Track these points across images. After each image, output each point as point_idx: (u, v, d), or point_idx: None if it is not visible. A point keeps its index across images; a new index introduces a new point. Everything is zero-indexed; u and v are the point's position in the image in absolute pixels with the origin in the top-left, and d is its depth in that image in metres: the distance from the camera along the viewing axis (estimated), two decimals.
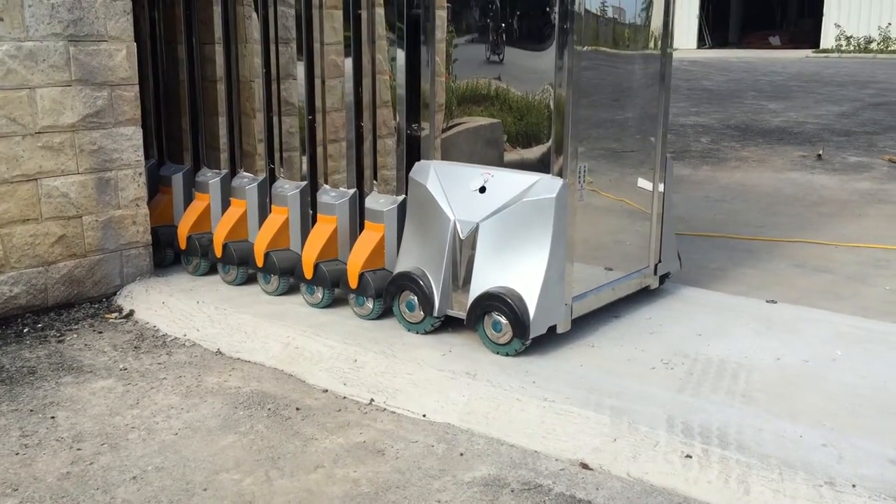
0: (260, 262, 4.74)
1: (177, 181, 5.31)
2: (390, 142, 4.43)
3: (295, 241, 4.77)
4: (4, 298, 4.55)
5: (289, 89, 4.75)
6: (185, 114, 5.28)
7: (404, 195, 4.39)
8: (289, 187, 4.79)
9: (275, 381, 3.90)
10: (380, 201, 4.46)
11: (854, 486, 2.82)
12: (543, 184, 3.91)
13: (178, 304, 4.70)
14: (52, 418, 3.55)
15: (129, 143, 4.91)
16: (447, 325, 4.18)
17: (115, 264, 4.96)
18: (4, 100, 4.41)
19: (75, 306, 4.81)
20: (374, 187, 4.53)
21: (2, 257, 4.52)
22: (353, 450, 3.28)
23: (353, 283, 4.36)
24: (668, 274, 4.87)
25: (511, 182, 3.99)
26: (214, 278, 5.08)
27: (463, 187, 4.10)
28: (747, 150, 10.01)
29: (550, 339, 3.99)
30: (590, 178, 4.10)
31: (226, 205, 5.09)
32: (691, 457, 3.06)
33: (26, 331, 4.50)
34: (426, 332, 4.15)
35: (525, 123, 4.02)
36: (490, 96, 4.11)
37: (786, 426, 3.22)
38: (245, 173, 5.06)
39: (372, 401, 3.67)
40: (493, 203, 3.99)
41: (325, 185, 4.69)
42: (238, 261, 4.89)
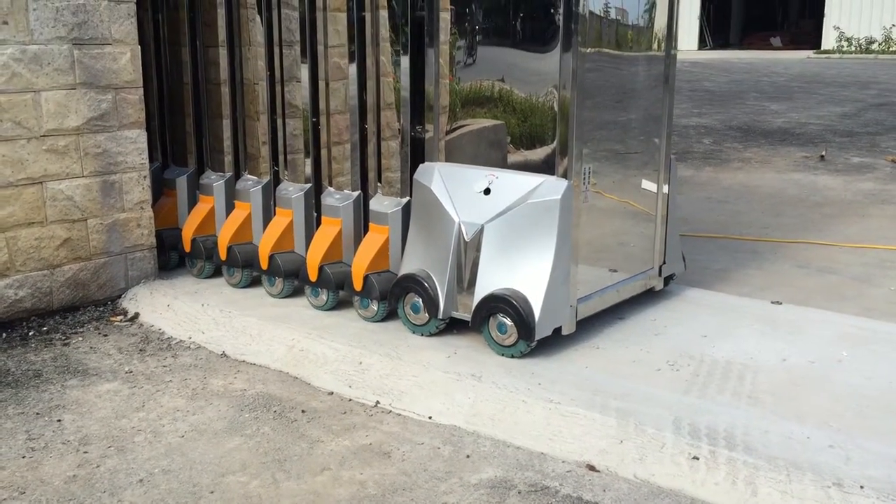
0: (264, 265, 4.74)
1: (181, 184, 5.32)
2: (394, 144, 4.44)
3: (299, 244, 4.77)
4: (10, 302, 4.56)
5: (292, 92, 4.76)
6: (189, 116, 5.28)
7: (408, 197, 4.39)
8: (293, 190, 4.79)
9: (280, 384, 3.90)
10: (384, 203, 4.46)
11: (862, 487, 2.81)
12: (548, 185, 3.91)
13: (183, 306, 4.71)
14: (59, 421, 3.55)
15: (134, 146, 4.91)
16: (452, 327, 4.18)
17: (120, 267, 4.96)
18: (9, 103, 4.41)
19: (80, 309, 4.81)
20: (379, 189, 4.54)
21: (7, 260, 4.52)
22: (359, 452, 3.27)
23: (358, 286, 4.36)
24: (673, 275, 4.87)
25: (516, 184, 3.99)
26: (219, 281, 5.08)
27: (467, 189, 4.10)
28: (750, 151, 10.00)
29: (556, 341, 3.99)
30: (594, 179, 4.10)
31: (230, 207, 5.09)
32: (698, 458, 3.06)
33: (31, 334, 4.50)
34: (431, 335, 4.15)
35: (529, 125, 4.02)
36: (494, 98, 4.11)
37: (793, 427, 3.22)
38: (249, 176, 5.06)
39: (377, 403, 3.67)
40: (498, 205, 3.99)
41: (329, 187, 4.69)
42: (242, 263, 4.89)
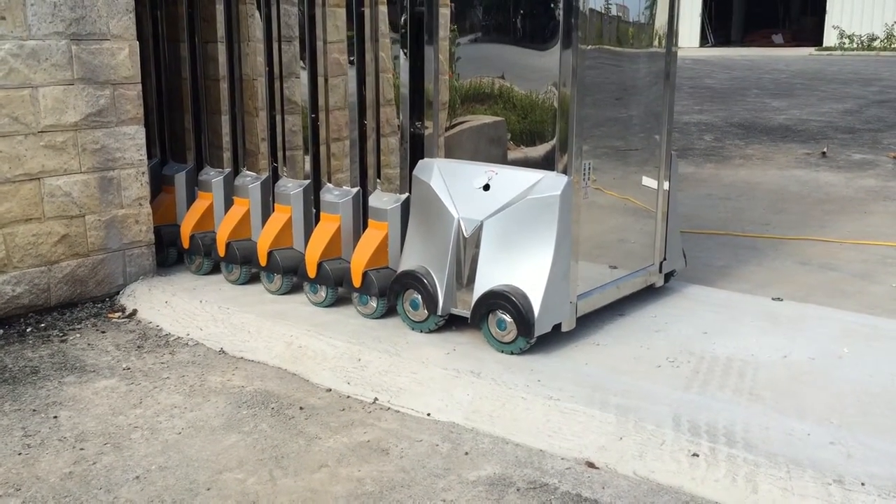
0: (263, 261, 4.73)
1: (179, 180, 5.30)
2: (393, 140, 4.42)
3: (298, 240, 4.75)
4: (7, 298, 4.54)
5: (292, 87, 4.74)
6: (188, 112, 5.27)
7: (408, 193, 4.38)
8: (292, 186, 4.77)
9: (278, 381, 3.88)
10: (383, 199, 4.44)
11: (863, 484, 2.79)
12: (548, 181, 3.89)
13: (182, 303, 4.69)
14: (55, 418, 3.53)
15: (132, 142, 4.90)
16: (451, 323, 4.17)
17: (118, 264, 4.94)
18: (7, 99, 4.40)
19: (78, 306, 4.79)
20: (378, 186, 4.52)
21: (4, 257, 4.50)
22: (357, 449, 3.26)
23: (357, 282, 4.34)
24: (674, 272, 4.85)
25: (515, 180, 3.97)
26: (217, 277, 5.06)
27: (467, 185, 4.08)
28: (751, 148, 9.98)
29: (555, 338, 3.97)
30: (594, 176, 4.08)
31: (229, 204, 5.07)
32: (698, 455, 3.04)
33: (29, 330, 4.49)
34: (430, 331, 4.13)
35: (529, 122, 4.00)
36: (494, 95, 4.09)
37: (793, 424, 3.20)
38: (248, 172, 5.04)
39: (376, 400, 3.65)
40: (498, 201, 3.97)
41: (328, 183, 4.67)
42: (241, 260, 4.87)
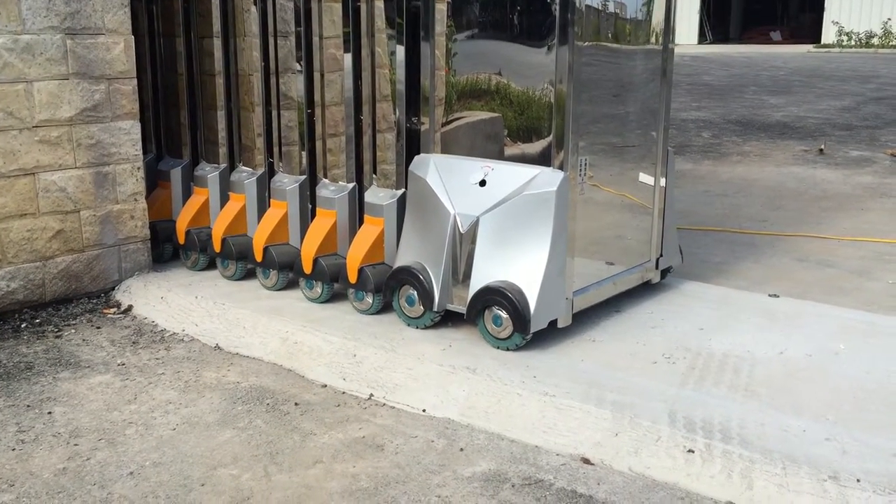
0: (259, 257, 4.71)
1: (175, 175, 5.28)
2: (390, 136, 4.40)
3: (294, 236, 4.74)
4: (2, 294, 4.52)
5: (288, 83, 4.73)
6: (184, 108, 5.25)
7: (404, 189, 4.36)
8: (288, 181, 4.76)
9: (274, 376, 3.87)
10: (379, 195, 4.43)
11: (858, 480, 2.79)
12: (544, 177, 3.88)
13: (177, 299, 4.68)
14: (49, 414, 3.52)
15: (128, 138, 4.88)
16: (447, 319, 4.16)
17: (114, 259, 4.93)
18: (1, 93, 4.37)
19: (73, 301, 4.78)
20: (374, 181, 4.50)
21: None
22: (352, 445, 3.25)
23: (353, 278, 4.33)
24: (670, 268, 4.84)
25: (511, 175, 3.96)
26: (213, 273, 5.05)
27: (463, 181, 4.07)
28: (749, 145, 9.97)
29: (551, 334, 3.97)
30: (591, 172, 4.07)
31: (224, 199, 5.06)
32: (694, 451, 3.03)
33: (24, 326, 4.47)
34: (426, 327, 4.12)
35: (526, 118, 3.99)
36: (490, 91, 4.08)
37: (789, 420, 3.20)
38: (244, 167, 5.03)
39: (371, 396, 3.64)
40: (494, 196, 3.96)
41: (324, 179, 4.66)
42: (237, 255, 4.86)
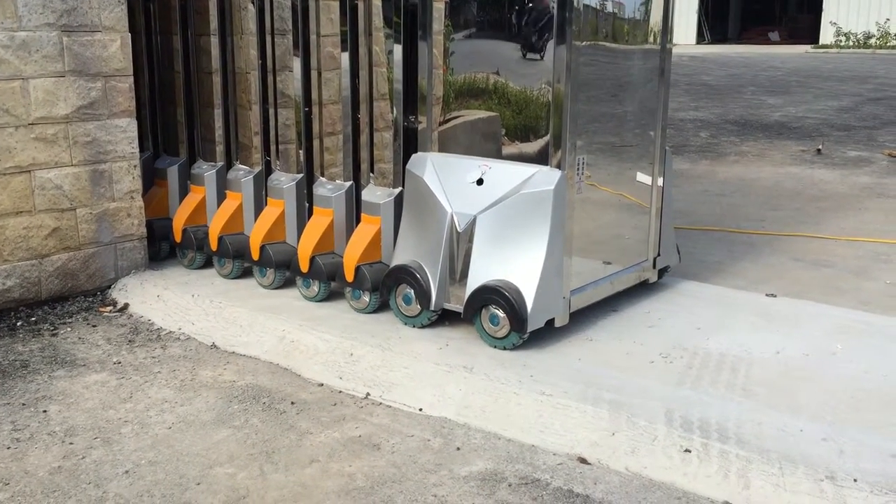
0: (256, 256, 4.70)
1: (172, 173, 5.27)
2: (387, 135, 4.39)
3: (291, 235, 4.73)
4: None
5: (285, 81, 4.71)
6: (181, 106, 5.24)
7: (401, 188, 4.36)
8: (285, 180, 4.75)
9: (270, 375, 3.86)
10: (376, 194, 4.42)
11: (855, 480, 2.78)
12: (541, 176, 3.87)
13: (173, 297, 4.67)
14: (45, 412, 3.51)
15: (124, 135, 4.86)
16: (444, 318, 4.15)
17: (110, 257, 4.91)
18: None
19: (69, 299, 4.77)
20: (371, 180, 4.50)
21: None
22: (348, 444, 3.24)
23: (350, 277, 4.32)
24: (668, 268, 4.84)
25: (509, 174, 3.95)
26: (210, 272, 5.04)
27: (460, 179, 4.06)
28: (746, 145, 9.97)
29: (548, 333, 3.96)
30: (588, 171, 4.06)
31: (221, 197, 5.05)
32: (690, 451, 3.03)
33: (19, 324, 4.46)
34: (423, 326, 4.11)
35: (523, 117, 3.98)
36: (488, 90, 4.07)
37: (786, 420, 3.19)
38: (241, 166, 5.02)
39: (368, 395, 3.64)
40: (491, 195, 3.95)
41: (321, 177, 4.65)
42: (234, 254, 4.85)
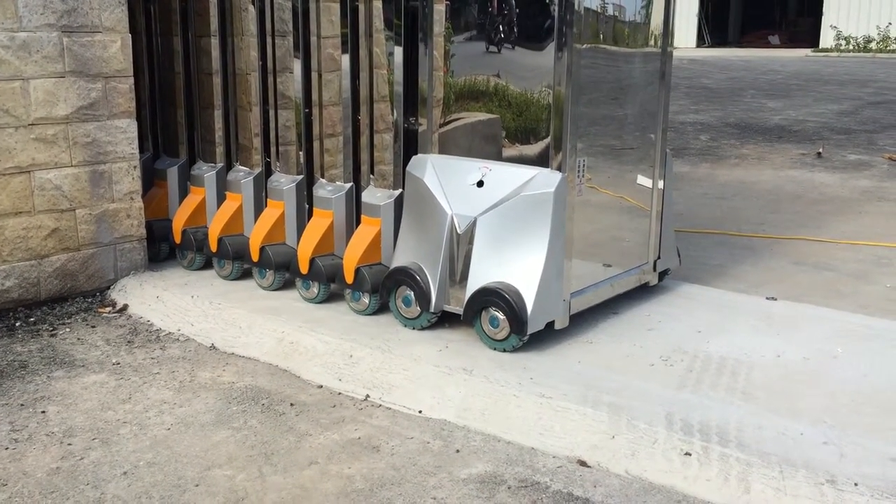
0: (255, 257, 4.69)
1: (172, 175, 5.26)
2: (387, 136, 4.39)
3: (291, 236, 4.72)
4: None
5: (285, 83, 4.71)
6: (181, 107, 5.23)
7: (401, 189, 4.35)
8: (285, 181, 4.74)
9: (269, 377, 3.85)
10: (376, 195, 4.42)
11: (856, 484, 2.78)
12: (542, 178, 3.87)
13: (173, 298, 4.66)
14: (43, 413, 3.50)
15: (124, 136, 4.86)
16: (444, 320, 4.14)
17: (109, 258, 4.91)
18: None
19: (68, 300, 4.76)
20: (371, 181, 4.49)
21: None
22: (347, 446, 3.23)
23: (350, 278, 4.32)
24: (668, 270, 4.83)
25: (509, 176, 3.95)
26: (209, 273, 5.03)
27: (460, 181, 4.05)
28: (747, 148, 9.97)
29: (548, 336, 3.95)
30: (589, 174, 4.06)
31: (221, 199, 5.04)
32: (690, 454, 3.02)
33: (18, 325, 4.45)
34: (423, 328, 4.11)
35: (524, 119, 3.98)
36: (489, 92, 4.07)
37: (786, 424, 3.18)
38: (241, 167, 5.01)
39: (367, 397, 3.63)
40: (491, 197, 3.94)
41: (321, 179, 4.64)
42: (233, 255, 4.84)
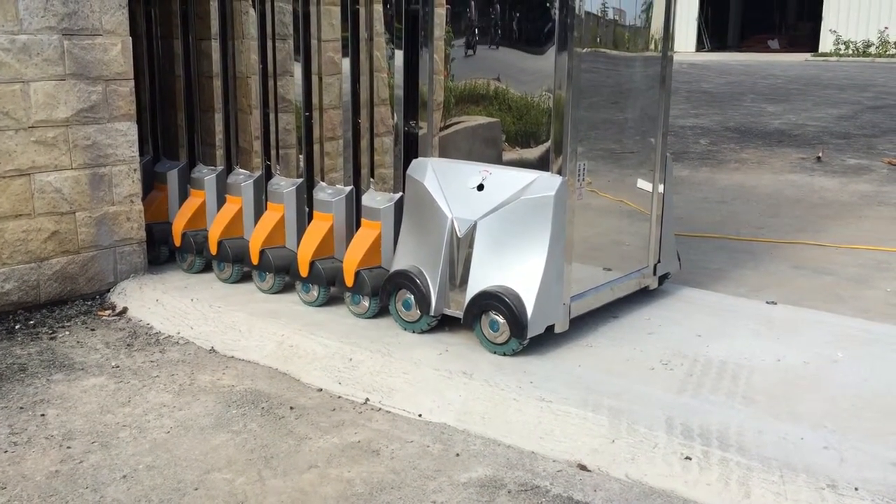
0: (255, 260, 4.69)
1: (172, 177, 5.26)
2: (388, 140, 4.39)
3: (291, 239, 4.72)
4: None
5: (286, 86, 4.71)
6: (181, 110, 5.23)
7: (401, 193, 4.35)
8: (285, 184, 4.74)
9: (269, 380, 3.85)
10: (376, 199, 4.41)
11: (857, 489, 2.77)
12: (542, 182, 3.87)
13: (173, 301, 4.65)
14: (42, 416, 3.50)
15: (124, 139, 4.86)
16: (444, 324, 4.14)
17: (109, 261, 4.90)
18: None
19: (68, 303, 4.75)
20: (371, 185, 4.49)
21: None
22: (347, 449, 3.23)
23: (350, 282, 4.31)
24: (668, 274, 4.83)
25: (509, 180, 3.95)
26: (209, 276, 5.03)
27: (461, 185, 4.05)
28: (746, 152, 9.97)
29: (548, 339, 3.95)
30: (589, 178, 4.06)
31: (221, 202, 5.04)
32: (691, 458, 3.01)
33: (18, 327, 4.45)
34: (423, 332, 4.10)
35: (524, 123, 3.98)
36: (489, 96, 4.07)
37: (787, 428, 3.18)
38: (241, 170, 5.01)
39: (367, 400, 3.62)
40: (492, 201, 3.94)
41: (321, 182, 4.64)
42: (233, 258, 4.84)
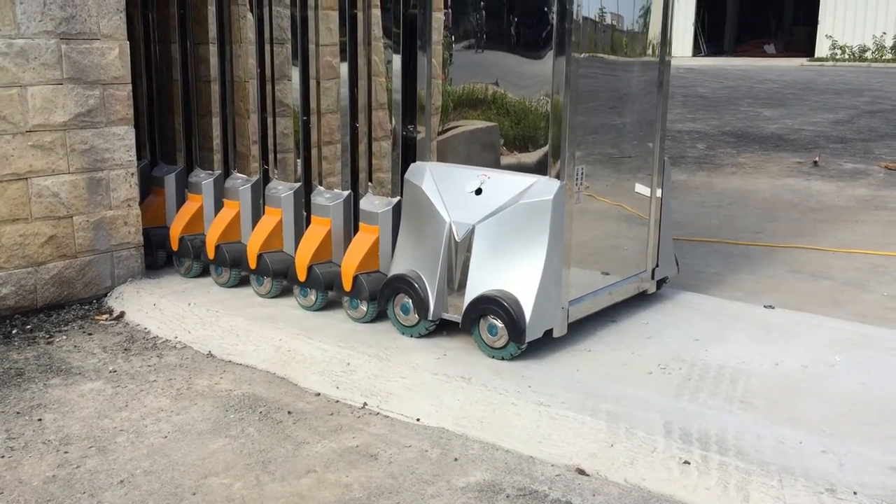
0: (253, 264, 4.69)
1: (169, 182, 5.26)
2: (386, 144, 4.39)
3: (288, 243, 4.71)
4: None
5: (283, 90, 4.71)
6: (179, 114, 5.23)
7: (399, 197, 4.35)
8: (282, 189, 4.74)
9: (267, 385, 3.84)
10: (374, 203, 4.41)
11: (855, 493, 2.77)
12: (540, 186, 3.87)
13: (170, 305, 4.65)
14: (39, 420, 3.49)
15: (122, 143, 4.85)
16: (442, 328, 4.13)
17: (106, 265, 4.90)
18: None
19: (65, 307, 4.74)
20: (369, 189, 4.49)
21: None
22: (345, 454, 3.22)
23: (347, 286, 4.31)
24: (666, 279, 4.83)
25: (507, 184, 3.95)
26: (207, 280, 5.02)
27: (459, 189, 4.05)
28: (743, 157, 9.99)
29: (546, 344, 3.95)
30: (587, 182, 4.06)
31: (219, 206, 5.03)
32: (689, 463, 3.01)
33: (15, 332, 4.44)
34: (421, 336, 4.10)
35: (522, 127, 3.98)
36: (487, 100, 4.07)
37: (785, 432, 3.18)
38: (238, 174, 5.01)
39: (365, 405, 3.62)
40: (490, 205, 3.94)
41: (319, 186, 4.64)
42: (231, 263, 4.83)
